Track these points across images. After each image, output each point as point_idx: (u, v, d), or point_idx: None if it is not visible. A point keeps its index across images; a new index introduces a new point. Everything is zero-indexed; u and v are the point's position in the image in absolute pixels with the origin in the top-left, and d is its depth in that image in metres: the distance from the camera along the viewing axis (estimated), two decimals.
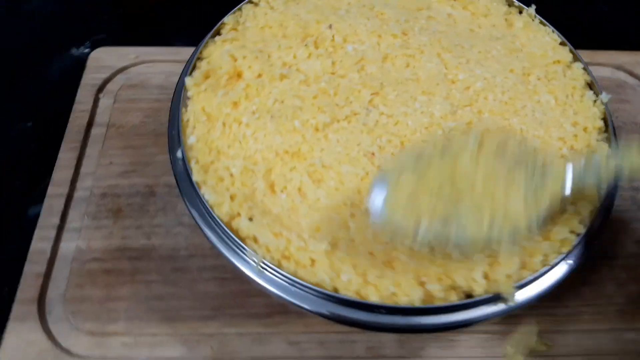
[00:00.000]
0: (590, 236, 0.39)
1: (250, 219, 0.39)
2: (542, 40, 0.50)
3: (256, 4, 0.52)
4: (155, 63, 0.63)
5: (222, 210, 0.39)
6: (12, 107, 0.63)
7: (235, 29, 0.50)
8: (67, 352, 0.45)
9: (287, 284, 0.38)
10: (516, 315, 0.49)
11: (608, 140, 0.45)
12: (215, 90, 0.45)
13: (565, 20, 0.58)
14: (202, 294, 0.48)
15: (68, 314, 0.47)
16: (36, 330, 0.46)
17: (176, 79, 0.62)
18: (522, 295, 0.38)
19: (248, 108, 0.45)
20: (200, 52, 0.48)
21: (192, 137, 0.43)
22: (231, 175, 0.41)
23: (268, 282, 0.38)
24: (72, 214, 0.52)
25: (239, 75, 0.47)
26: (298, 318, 0.47)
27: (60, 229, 0.51)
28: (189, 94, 0.45)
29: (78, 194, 0.54)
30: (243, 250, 0.38)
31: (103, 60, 0.63)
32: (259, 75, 0.46)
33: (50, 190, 0.53)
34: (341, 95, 0.45)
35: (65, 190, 0.53)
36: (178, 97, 0.46)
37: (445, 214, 0.35)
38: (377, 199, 0.35)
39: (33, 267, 0.49)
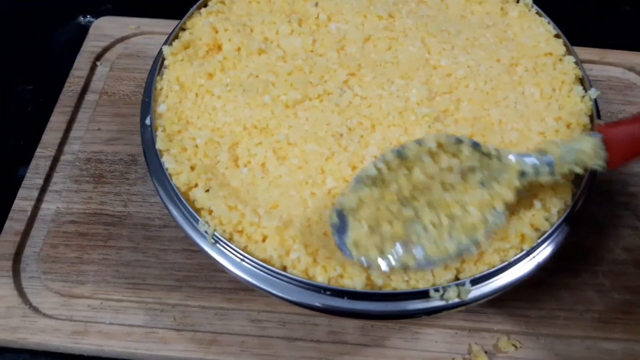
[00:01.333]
0: (557, 235, 0.38)
1: (207, 191, 0.39)
2: (536, 31, 0.48)
3: None
4: (154, 35, 0.64)
5: (180, 179, 0.39)
6: (15, 69, 0.64)
7: (222, 2, 0.50)
8: (35, 309, 0.46)
9: (237, 259, 0.37)
10: (485, 313, 0.48)
11: None
12: (192, 60, 0.45)
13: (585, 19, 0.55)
14: (169, 264, 0.48)
15: (40, 272, 0.48)
16: (8, 285, 0.47)
17: None
18: (477, 291, 0.36)
19: (222, 80, 0.45)
20: (184, 23, 0.48)
21: (163, 106, 0.43)
22: (196, 145, 0.41)
23: (219, 254, 0.38)
24: (57, 176, 0.54)
25: (219, 47, 0.47)
26: (262, 296, 0.47)
27: (43, 190, 0.52)
28: (166, 62, 0.46)
29: (64, 157, 0.55)
30: (197, 221, 0.38)
31: (105, 29, 0.64)
32: (238, 49, 0.46)
33: (38, 151, 0.55)
34: (316, 73, 0.44)
35: (52, 152, 0.55)
36: (155, 65, 0.46)
37: (406, 237, 0.36)
38: (342, 242, 0.36)
39: (13, 225, 0.50)
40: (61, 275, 0.48)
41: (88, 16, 0.70)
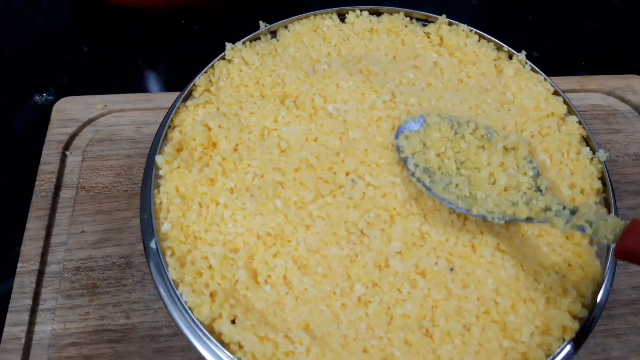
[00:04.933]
0: (594, 320, 0.37)
1: (233, 321, 0.36)
2: (534, 89, 0.47)
3: (230, 61, 0.48)
4: (125, 112, 0.60)
5: (202, 312, 0.36)
6: None
7: (208, 90, 0.47)
8: None
9: None
10: None
11: (607, 203, 0.43)
12: (189, 166, 0.42)
13: (556, 41, 0.55)
14: None
15: None
16: None
17: (148, 129, 0.59)
18: None
19: (225, 185, 0.42)
20: (171, 120, 0.45)
21: (167, 224, 0.40)
22: (210, 267, 0.39)
23: None
24: (45, 292, 0.49)
25: (214, 145, 0.44)
26: None
27: (33, 311, 0.48)
28: (161, 172, 0.42)
29: (50, 268, 0.50)
30: (229, 358, 0.35)
31: (68, 112, 0.59)
32: (236, 146, 0.43)
33: (20, 266, 0.50)
34: (324, 165, 0.42)
35: (36, 265, 0.50)
36: (149, 175, 0.42)
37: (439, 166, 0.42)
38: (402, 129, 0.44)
39: (8, 357, 0.46)
40: None
41: (44, 95, 0.64)
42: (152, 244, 0.39)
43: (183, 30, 0.71)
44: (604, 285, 0.38)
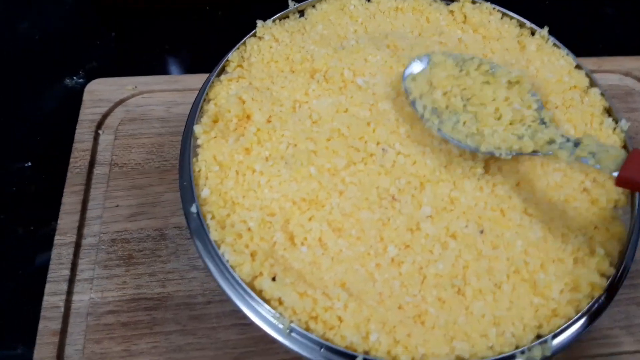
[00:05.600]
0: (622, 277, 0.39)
1: (273, 279, 0.38)
2: (557, 64, 0.49)
3: (260, 38, 0.50)
4: (154, 93, 0.61)
5: (243, 270, 0.38)
6: (8, 146, 0.60)
7: (240, 66, 0.48)
8: None
9: (316, 347, 0.37)
10: None
11: None
12: (226, 136, 0.44)
13: (571, 26, 0.56)
14: (222, 342, 0.47)
15: None
16: None
17: (177, 109, 0.61)
18: (557, 341, 0.37)
19: (261, 154, 0.43)
20: (207, 93, 0.46)
21: (206, 190, 0.42)
22: (249, 229, 0.40)
23: (298, 345, 0.37)
24: (82, 264, 0.51)
25: (249, 117, 0.45)
26: None
27: (71, 281, 0.50)
28: (199, 141, 0.44)
29: (86, 241, 0.52)
30: (270, 313, 0.37)
31: (100, 93, 0.61)
32: (269, 117, 0.45)
33: (57, 239, 0.52)
34: (355, 135, 0.44)
35: (72, 238, 0.52)
36: (186, 144, 0.44)
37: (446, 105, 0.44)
38: (409, 70, 0.46)
39: (48, 324, 0.47)
40: None
41: (74, 78, 0.66)
42: (193, 209, 0.41)
43: (207, 16, 0.73)
44: (629, 244, 0.39)
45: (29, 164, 0.59)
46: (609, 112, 0.47)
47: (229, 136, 0.44)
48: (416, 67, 0.45)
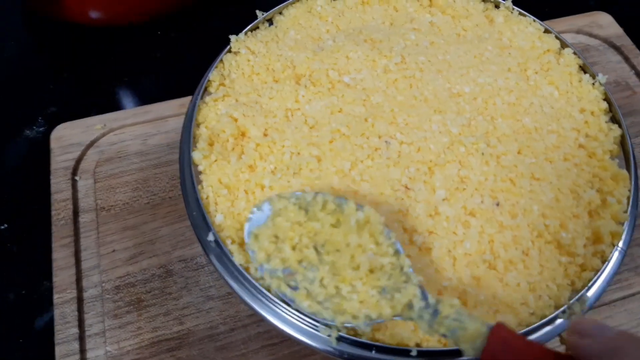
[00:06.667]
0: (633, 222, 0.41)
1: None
2: (526, 31, 0.50)
3: (236, 52, 0.48)
4: (125, 128, 0.59)
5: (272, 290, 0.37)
6: None
7: (223, 84, 0.47)
8: None
9: (366, 350, 0.36)
10: None
11: (616, 120, 0.46)
12: (226, 157, 0.42)
13: None
14: None
15: None
16: None
17: (154, 140, 0.58)
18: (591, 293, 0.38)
19: (266, 168, 0.42)
20: (195, 118, 0.45)
21: (219, 215, 0.40)
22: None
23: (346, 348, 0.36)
24: (90, 318, 0.48)
25: (244, 134, 0.44)
26: None
27: (81, 338, 0.47)
28: (200, 168, 0.42)
29: (88, 293, 0.49)
30: (316, 328, 0.36)
31: (67, 138, 0.58)
32: (265, 130, 0.44)
33: (57, 297, 0.48)
34: (356, 132, 0.43)
35: (73, 293, 0.49)
36: (187, 173, 0.42)
37: (298, 267, 0.37)
38: (249, 227, 0.39)
39: None
40: None
41: (34, 127, 0.62)
42: (210, 237, 0.39)
43: (160, 39, 0.70)
44: (632, 187, 0.41)
45: (5, 225, 0.55)
46: (583, 68, 0.49)
47: (229, 157, 0.42)
48: (257, 218, 0.39)
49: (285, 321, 0.37)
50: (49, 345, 0.47)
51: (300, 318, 0.36)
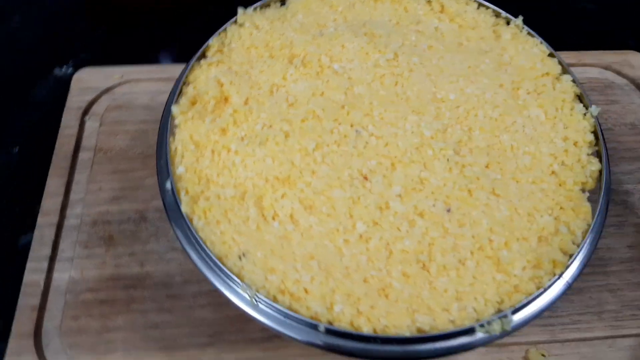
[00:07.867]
0: (584, 255, 0.39)
1: (244, 254, 0.39)
2: (531, 52, 0.50)
3: (241, 25, 0.51)
4: (140, 82, 0.63)
5: (215, 247, 0.39)
6: None
7: (220, 51, 0.49)
8: None
9: (281, 317, 0.37)
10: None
11: (599, 154, 0.45)
12: (203, 117, 0.45)
13: (550, 21, 0.57)
14: (198, 320, 0.48)
15: (65, 346, 0.46)
16: None
17: (162, 98, 0.61)
18: (518, 317, 0.38)
19: (236, 134, 0.44)
20: (186, 77, 0.48)
21: (181, 167, 0.43)
22: (220, 204, 0.41)
23: (262, 315, 0.38)
24: (64, 244, 0.52)
25: (226, 99, 0.46)
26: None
27: (52, 259, 0.51)
28: (176, 122, 0.45)
29: (68, 222, 0.53)
30: (237, 283, 0.38)
31: (87, 81, 0.62)
32: (246, 100, 0.46)
33: (40, 219, 0.53)
34: (329, 117, 0.45)
35: (55, 219, 0.53)
36: (165, 125, 0.45)
37: None
38: None
39: (27, 300, 0.48)
40: (88, 347, 0.46)
41: (64, 67, 0.67)
42: (168, 185, 0.42)
43: (197, 10, 0.74)
44: (593, 222, 0.40)
45: (16, 149, 0.60)
46: (580, 98, 0.48)
47: (206, 117, 0.45)
48: None
49: (211, 271, 0.39)
50: (24, 262, 0.51)
51: (232, 278, 0.38)
